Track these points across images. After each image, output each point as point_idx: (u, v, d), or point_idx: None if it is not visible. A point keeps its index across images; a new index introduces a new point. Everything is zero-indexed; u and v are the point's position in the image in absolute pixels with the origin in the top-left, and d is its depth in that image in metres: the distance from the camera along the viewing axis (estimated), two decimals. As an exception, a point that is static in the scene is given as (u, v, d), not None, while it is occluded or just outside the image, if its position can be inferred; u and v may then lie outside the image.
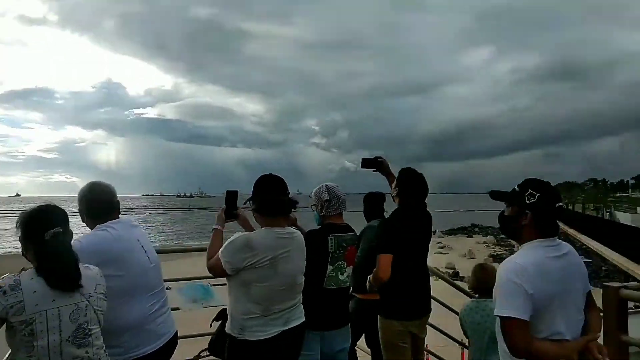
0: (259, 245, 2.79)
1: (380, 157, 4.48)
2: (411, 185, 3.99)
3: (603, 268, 33.86)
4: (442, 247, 46.68)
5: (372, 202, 5.22)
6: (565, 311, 2.29)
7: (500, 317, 2.25)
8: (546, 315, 2.24)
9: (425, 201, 4.13)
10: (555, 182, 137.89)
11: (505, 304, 2.22)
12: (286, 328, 2.89)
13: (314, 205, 3.86)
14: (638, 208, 58.19)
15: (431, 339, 5.04)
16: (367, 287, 3.95)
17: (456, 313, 4.21)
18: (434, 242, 55.25)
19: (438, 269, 29.78)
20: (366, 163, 4.53)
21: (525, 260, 2.28)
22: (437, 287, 5.23)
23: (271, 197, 3.06)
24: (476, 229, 72.57)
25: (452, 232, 69.28)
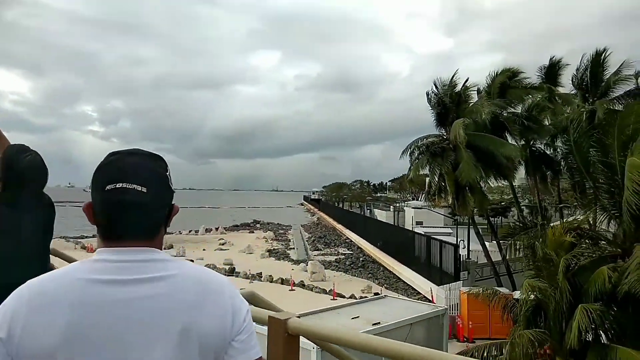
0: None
1: None
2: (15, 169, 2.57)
3: (361, 259, 38.70)
4: (223, 244, 46.82)
5: None
6: None
7: None
8: None
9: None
10: (330, 182, 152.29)
11: None
12: None
13: None
14: (391, 207, 68.93)
15: None
16: None
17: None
18: (215, 238, 54.96)
19: (216, 266, 28.89)
20: None
21: (42, 284, 1.11)
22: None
23: None
24: (258, 225, 75.22)
25: (235, 228, 70.24)
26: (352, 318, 10.87)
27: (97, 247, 1.20)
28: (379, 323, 10.31)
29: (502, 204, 45.32)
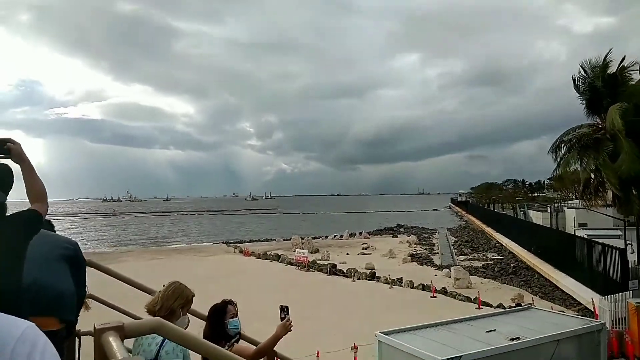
0: None
1: (10, 140, 2.63)
2: None
3: (512, 264, 35.66)
4: (366, 248, 47.29)
5: None
6: None
7: None
8: None
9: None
10: (479, 182, 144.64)
11: None
12: None
13: None
14: (548, 207, 62.52)
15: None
16: None
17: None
18: (358, 242, 56.12)
19: (357, 270, 29.18)
20: None
21: None
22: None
23: None
24: (401, 229, 74.45)
25: (378, 232, 70.53)
26: (487, 331, 9.93)
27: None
28: (518, 338, 9.25)
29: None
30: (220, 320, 3.88)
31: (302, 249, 39.59)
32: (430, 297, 24.20)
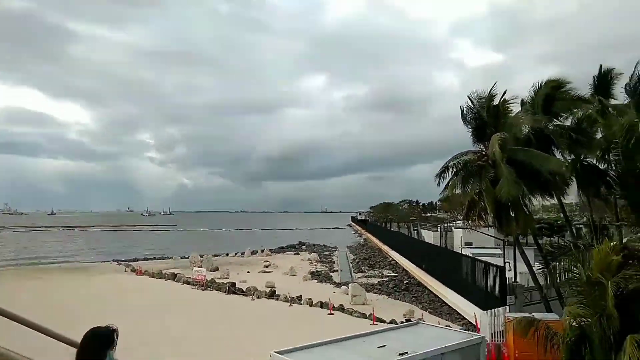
0: None
1: None
2: None
3: (405, 281, 37.43)
4: (267, 266, 46.86)
5: None
6: None
7: None
8: None
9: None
10: (378, 202, 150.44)
11: None
12: None
13: None
14: (439, 227, 66.88)
15: None
16: None
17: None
18: (260, 260, 55.38)
19: (257, 289, 28.56)
20: None
21: None
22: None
23: None
24: (303, 247, 75.09)
25: (280, 250, 70.39)
26: (379, 347, 10.24)
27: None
28: (406, 353, 9.62)
29: (558, 222, 42.82)
30: (101, 350, 3.23)
31: (201, 267, 38.14)
32: (328, 314, 24.46)
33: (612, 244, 8.96)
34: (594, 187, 19.24)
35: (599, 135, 18.47)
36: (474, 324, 19.68)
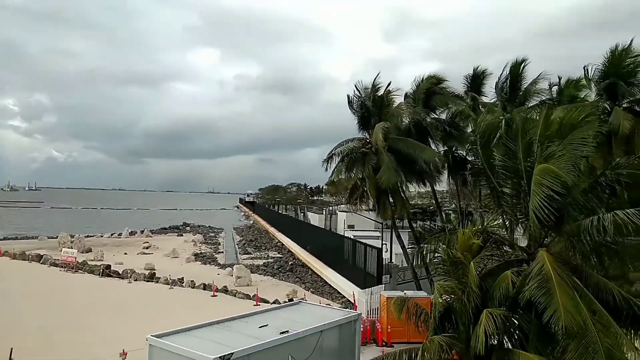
0: None
1: None
2: None
3: (290, 262, 38.16)
4: (147, 247, 44.63)
5: None
6: None
7: None
8: None
9: None
10: (267, 185, 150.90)
11: None
12: None
13: None
14: (324, 210, 69.02)
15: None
16: None
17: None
18: (139, 241, 52.60)
19: (135, 271, 27.09)
20: None
21: None
22: None
23: None
24: (187, 228, 72.69)
25: (162, 231, 67.39)
26: (260, 327, 10.30)
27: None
28: (287, 331, 9.81)
29: (431, 208, 46.53)
30: None
31: (71, 248, 35.05)
32: (211, 296, 24.04)
33: (474, 228, 9.93)
34: (462, 176, 21.24)
35: (469, 130, 20.38)
36: (353, 302, 20.72)
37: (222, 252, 45.89)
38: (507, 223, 11.10)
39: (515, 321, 8.99)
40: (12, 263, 33.31)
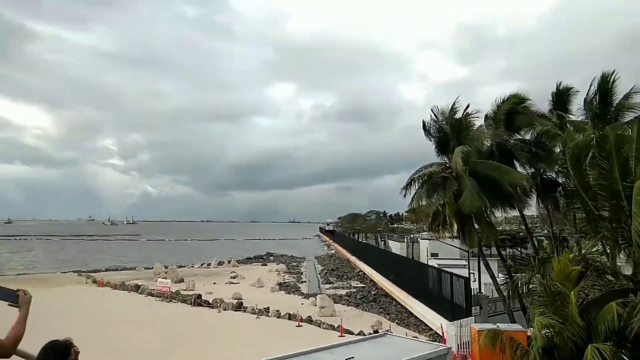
0: None
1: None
2: None
3: (373, 292, 37.62)
4: (234, 277, 46.25)
5: None
6: None
7: None
8: None
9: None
10: (345, 213, 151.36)
11: None
12: None
13: None
14: (405, 238, 67.72)
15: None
16: None
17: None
18: (227, 271, 54.63)
19: (224, 300, 28.14)
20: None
21: None
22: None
23: None
24: (271, 257, 74.51)
25: (247, 260, 69.62)
26: (346, 359, 10.24)
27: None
28: (374, 364, 9.66)
29: (520, 234, 44.05)
30: None
31: (165, 278, 37.29)
32: (296, 326, 24.28)
33: (571, 255, 9.27)
34: (553, 199, 19.97)
35: (557, 150, 19.24)
36: (441, 334, 19.93)
37: (305, 282, 46.36)
38: (607, 249, 10.26)
39: (624, 357, 8.19)
40: (113, 293, 36.04)
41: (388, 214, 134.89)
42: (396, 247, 59.33)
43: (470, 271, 23.04)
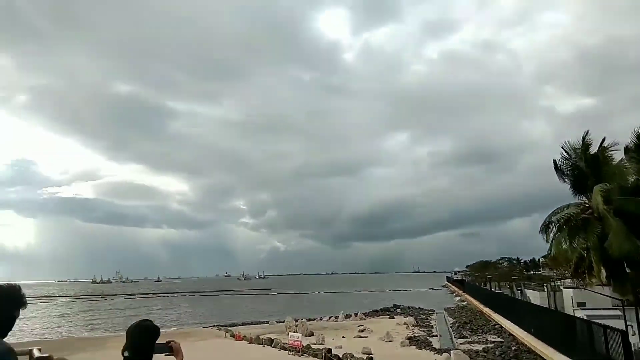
0: None
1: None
2: None
3: (513, 347, 34.52)
4: (362, 330, 45.84)
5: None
6: None
7: None
8: None
9: None
10: (474, 261, 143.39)
11: None
12: None
13: None
14: (545, 286, 61.71)
15: None
16: None
17: None
18: (354, 324, 54.59)
19: (354, 355, 28.26)
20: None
21: None
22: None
23: None
24: (398, 309, 72.60)
25: (374, 313, 68.69)
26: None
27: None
28: None
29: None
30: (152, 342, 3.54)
31: (296, 332, 38.35)
32: (431, 383, 23.21)
33: None
34: None
35: None
36: (598, 396, 17.63)
37: (436, 336, 44.25)
38: None
39: None
40: (250, 346, 37.89)
41: (522, 260, 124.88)
42: (535, 297, 54.23)
43: (628, 323, 20.26)
